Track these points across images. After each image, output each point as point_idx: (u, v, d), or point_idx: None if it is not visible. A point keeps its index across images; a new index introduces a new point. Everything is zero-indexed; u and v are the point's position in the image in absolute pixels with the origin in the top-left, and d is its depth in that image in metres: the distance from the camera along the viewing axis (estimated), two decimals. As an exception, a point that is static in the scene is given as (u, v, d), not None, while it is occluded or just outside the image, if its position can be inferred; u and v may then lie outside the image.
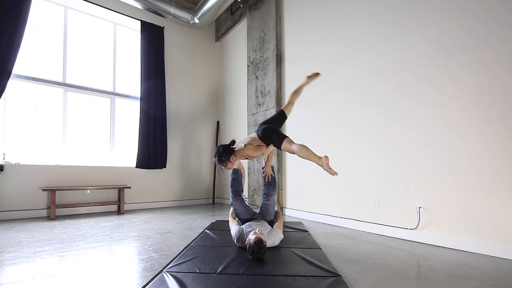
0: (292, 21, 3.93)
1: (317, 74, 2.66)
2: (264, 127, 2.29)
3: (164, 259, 1.90)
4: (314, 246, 2.17)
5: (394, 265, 1.80)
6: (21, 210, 3.50)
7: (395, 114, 2.66)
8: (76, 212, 3.87)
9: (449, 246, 2.23)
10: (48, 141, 3.92)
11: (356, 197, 2.98)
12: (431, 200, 2.37)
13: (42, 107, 3.89)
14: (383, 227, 2.70)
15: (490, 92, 2.08)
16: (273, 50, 4.06)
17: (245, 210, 2.37)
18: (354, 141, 3.02)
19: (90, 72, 4.31)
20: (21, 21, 3.42)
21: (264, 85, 4.18)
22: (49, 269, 1.69)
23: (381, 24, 2.81)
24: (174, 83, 5.00)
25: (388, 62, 2.74)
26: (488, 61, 2.09)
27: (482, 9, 2.14)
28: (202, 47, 5.47)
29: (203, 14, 4.63)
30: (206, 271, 1.58)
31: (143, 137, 4.44)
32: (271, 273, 1.56)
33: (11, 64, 3.35)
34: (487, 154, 2.07)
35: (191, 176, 5.14)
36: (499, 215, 2.01)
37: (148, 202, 4.57)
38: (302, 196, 3.65)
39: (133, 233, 2.69)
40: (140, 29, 4.57)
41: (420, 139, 2.46)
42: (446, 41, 2.32)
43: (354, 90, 3.05)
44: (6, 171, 3.44)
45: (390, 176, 2.67)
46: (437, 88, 2.37)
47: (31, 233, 2.64)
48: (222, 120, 5.49)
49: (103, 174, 4.16)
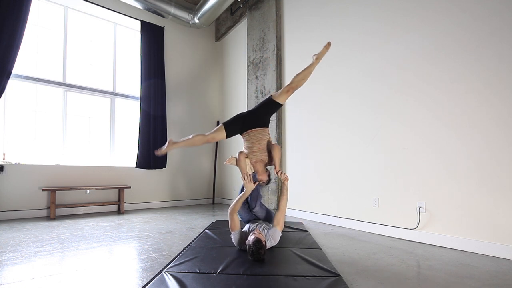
0: (292, 21, 3.93)
1: (328, 45, 2.23)
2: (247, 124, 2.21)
3: (164, 259, 1.90)
4: (314, 246, 2.17)
5: (394, 265, 1.80)
6: (21, 210, 3.50)
7: (395, 114, 2.66)
8: (76, 212, 3.87)
9: (449, 246, 2.23)
10: (48, 141, 3.92)
11: (356, 197, 2.98)
12: (431, 200, 2.37)
13: (42, 107, 3.88)
14: (383, 227, 2.70)
15: (490, 92, 2.08)
16: (273, 50, 4.06)
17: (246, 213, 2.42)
18: (354, 141, 3.02)
19: (90, 72, 4.31)
20: (21, 21, 3.42)
21: (264, 85, 4.18)
22: (49, 269, 1.69)
23: (381, 24, 2.81)
24: (174, 83, 5.00)
25: (388, 62, 2.74)
26: (489, 61, 2.09)
27: (482, 9, 2.14)
28: (202, 47, 5.47)
29: (203, 14, 4.63)
30: (206, 271, 1.58)
31: (143, 137, 4.44)
32: (271, 273, 1.56)
33: (11, 64, 3.35)
34: (487, 154, 2.07)
35: (191, 176, 5.14)
36: (499, 215, 2.01)
37: (148, 202, 4.57)
38: (302, 196, 3.65)
39: (133, 233, 2.69)
40: (140, 29, 4.56)
41: (420, 139, 2.46)
42: (446, 41, 2.32)
43: (354, 90, 3.05)
44: (6, 171, 3.44)
45: (390, 176, 2.67)
46: (437, 88, 2.37)
47: (31, 233, 2.64)
48: (222, 120, 5.49)
49: (103, 174, 4.16)
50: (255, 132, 2.20)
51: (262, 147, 2.19)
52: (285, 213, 2.12)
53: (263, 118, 2.24)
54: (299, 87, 2.19)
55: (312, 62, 2.20)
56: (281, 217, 2.10)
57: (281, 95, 2.19)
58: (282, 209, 2.11)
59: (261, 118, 2.23)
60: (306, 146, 3.61)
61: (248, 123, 2.22)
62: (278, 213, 2.10)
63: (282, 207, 2.12)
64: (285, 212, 2.13)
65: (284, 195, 2.14)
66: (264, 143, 2.20)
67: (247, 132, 2.22)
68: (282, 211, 2.11)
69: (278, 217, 2.08)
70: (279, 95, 2.20)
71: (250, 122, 2.22)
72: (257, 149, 2.19)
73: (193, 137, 2.20)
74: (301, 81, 2.16)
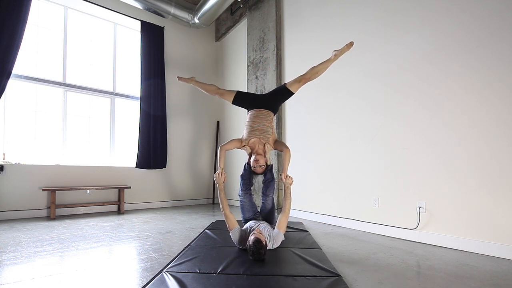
0: (292, 21, 3.93)
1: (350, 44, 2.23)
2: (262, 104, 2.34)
3: (164, 259, 1.90)
4: (314, 246, 2.17)
5: (394, 265, 1.80)
6: (21, 210, 3.50)
7: (395, 114, 2.66)
8: (76, 212, 3.87)
9: (449, 246, 2.23)
10: (48, 141, 3.92)
11: (356, 197, 2.98)
12: (431, 200, 2.37)
13: (42, 107, 3.88)
14: (383, 227, 2.70)
15: (491, 92, 2.08)
16: (273, 50, 4.06)
17: (251, 206, 2.34)
18: (354, 141, 3.02)
19: (90, 72, 4.31)
20: (21, 21, 3.41)
21: (264, 85, 4.18)
22: (49, 269, 1.69)
23: (381, 24, 2.81)
24: (174, 83, 5.00)
25: (388, 62, 2.74)
26: (489, 61, 2.09)
27: (482, 9, 2.14)
28: (202, 47, 5.47)
29: (203, 14, 4.63)
30: (206, 271, 1.58)
31: (143, 137, 4.44)
32: (271, 273, 1.56)
33: (11, 64, 3.35)
34: (487, 154, 2.07)
35: (191, 176, 5.14)
36: (499, 215, 2.01)
37: (148, 202, 4.57)
38: (302, 196, 3.65)
39: (133, 233, 2.69)
40: (140, 29, 4.56)
41: (420, 139, 2.46)
42: (446, 41, 2.32)
43: (354, 90, 3.05)
44: (6, 171, 3.44)
45: (390, 176, 2.67)
46: (437, 88, 2.37)
47: (31, 233, 2.64)
48: (222, 120, 5.49)
49: (103, 174, 4.16)
50: (259, 112, 2.31)
51: (261, 127, 2.26)
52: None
53: (273, 103, 2.36)
54: (311, 80, 2.31)
55: (329, 58, 2.27)
56: (286, 220, 2.07)
57: (294, 84, 2.30)
58: (287, 212, 2.09)
59: (271, 102, 2.35)
60: (306, 146, 3.61)
61: (258, 102, 2.37)
62: (283, 216, 2.07)
63: (288, 210, 2.10)
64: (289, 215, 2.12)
65: (288, 199, 2.13)
66: (264, 124, 2.27)
67: (253, 110, 2.34)
68: (287, 214, 2.09)
69: (282, 220, 2.06)
70: (291, 83, 2.32)
71: (260, 102, 2.36)
72: (256, 128, 2.26)
73: (209, 84, 2.51)
74: (316, 74, 2.27)
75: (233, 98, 2.41)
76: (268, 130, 2.27)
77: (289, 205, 2.11)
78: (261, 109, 2.32)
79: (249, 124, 2.31)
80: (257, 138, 2.23)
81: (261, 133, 2.24)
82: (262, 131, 2.25)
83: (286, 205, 2.11)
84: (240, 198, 2.37)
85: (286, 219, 2.09)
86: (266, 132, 2.25)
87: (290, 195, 2.15)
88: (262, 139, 2.24)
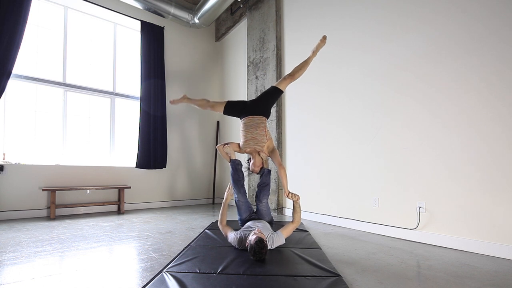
0: (292, 21, 3.94)
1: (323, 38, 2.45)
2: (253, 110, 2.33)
3: (164, 259, 1.90)
4: (314, 246, 2.17)
5: (394, 265, 1.80)
6: (21, 210, 3.50)
7: (395, 114, 2.66)
8: (76, 212, 3.87)
9: (449, 246, 2.23)
10: (48, 141, 3.92)
11: (356, 197, 2.98)
12: (431, 200, 2.37)
13: (42, 107, 3.88)
14: (383, 227, 2.70)
15: (490, 92, 2.08)
16: (273, 50, 4.06)
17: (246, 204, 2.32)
18: (354, 141, 3.02)
19: (90, 72, 4.31)
20: (21, 21, 3.42)
21: (264, 85, 4.18)
22: (49, 269, 1.69)
23: (381, 25, 2.81)
24: (174, 83, 5.00)
25: (387, 63, 2.74)
26: (489, 61, 2.09)
27: (482, 9, 2.14)
28: (202, 47, 5.47)
29: (203, 14, 4.63)
30: (206, 271, 1.58)
31: (143, 137, 4.44)
32: (271, 273, 1.56)
33: (11, 64, 3.35)
34: (487, 154, 2.07)
35: (191, 176, 5.14)
36: (499, 215, 2.01)
37: (148, 202, 4.57)
38: (302, 196, 3.64)
39: (133, 233, 2.69)
40: (140, 29, 4.57)
41: (420, 139, 2.46)
42: (446, 41, 2.32)
43: (353, 91, 3.05)
44: (6, 171, 3.44)
45: (390, 176, 2.67)
46: (437, 88, 2.37)
47: (31, 233, 2.64)
48: (222, 120, 5.49)
49: (103, 174, 4.16)
50: (250, 120, 2.29)
51: (254, 136, 2.26)
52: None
53: (264, 107, 2.35)
54: (297, 77, 2.39)
55: (309, 56, 2.44)
56: (293, 229, 2.13)
57: (281, 83, 2.38)
58: (297, 223, 2.15)
59: (262, 107, 2.34)
60: (306, 146, 3.61)
61: (248, 109, 2.34)
62: (291, 224, 2.13)
63: (297, 221, 2.16)
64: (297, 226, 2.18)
65: (298, 212, 2.18)
66: (257, 132, 2.27)
67: (244, 118, 2.33)
68: (297, 224, 2.15)
69: (290, 228, 2.11)
70: (279, 82, 2.39)
71: (250, 108, 2.34)
72: (250, 138, 2.26)
73: (201, 99, 2.50)
74: (299, 71, 2.38)
75: (224, 108, 2.39)
76: (262, 139, 2.27)
77: (298, 217, 2.17)
78: (252, 116, 2.30)
79: (243, 134, 2.32)
80: (252, 148, 2.28)
81: (255, 142, 2.26)
82: (255, 140, 2.26)
83: (295, 217, 2.17)
84: (235, 196, 2.37)
85: (294, 228, 2.14)
86: (260, 141, 2.27)
87: (299, 209, 2.20)
88: (257, 148, 2.28)
